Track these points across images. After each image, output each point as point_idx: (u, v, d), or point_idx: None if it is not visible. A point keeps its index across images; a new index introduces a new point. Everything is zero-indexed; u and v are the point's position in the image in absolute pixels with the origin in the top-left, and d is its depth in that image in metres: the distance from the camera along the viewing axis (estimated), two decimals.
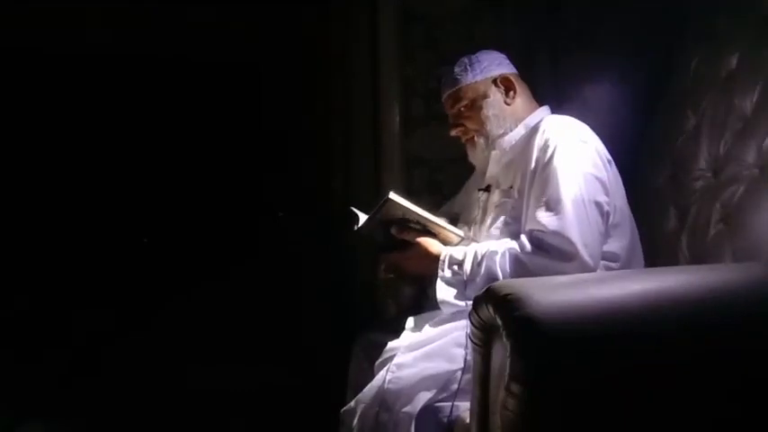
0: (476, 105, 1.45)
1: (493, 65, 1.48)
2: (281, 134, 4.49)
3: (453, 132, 1.50)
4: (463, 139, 1.50)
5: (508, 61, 1.51)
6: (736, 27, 1.44)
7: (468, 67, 1.47)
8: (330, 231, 3.07)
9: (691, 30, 1.62)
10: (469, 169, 1.64)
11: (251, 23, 3.79)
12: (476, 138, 1.47)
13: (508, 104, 1.45)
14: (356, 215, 1.45)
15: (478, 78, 1.46)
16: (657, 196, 1.53)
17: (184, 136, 5.06)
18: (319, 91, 3.32)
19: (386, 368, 1.21)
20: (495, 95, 1.45)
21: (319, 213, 3.40)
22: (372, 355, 1.33)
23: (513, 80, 1.47)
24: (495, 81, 1.46)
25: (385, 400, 1.16)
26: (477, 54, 1.49)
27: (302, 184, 3.97)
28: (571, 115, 1.39)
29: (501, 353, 0.92)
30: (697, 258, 1.35)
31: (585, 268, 1.19)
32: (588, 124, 1.37)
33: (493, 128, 1.44)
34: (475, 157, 1.50)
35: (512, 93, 1.46)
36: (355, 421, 1.20)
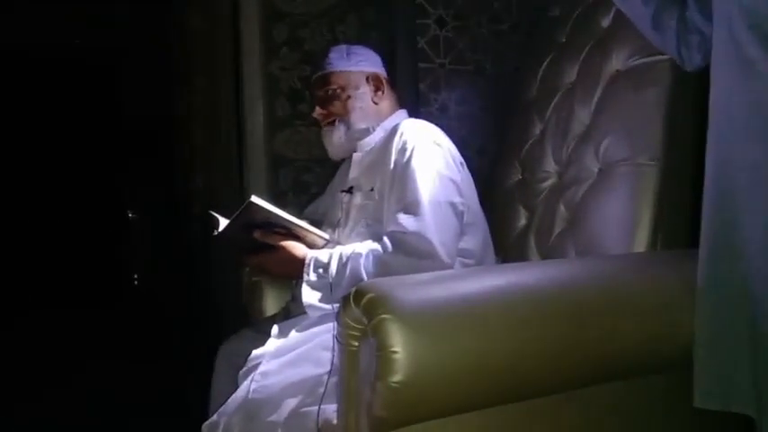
0: (345, 93, 1.46)
1: (368, 61, 1.50)
2: (141, 134, 4.26)
3: (316, 113, 1.49)
4: (323, 123, 1.49)
5: (382, 64, 1.54)
6: (578, 37, 1.57)
7: (345, 54, 1.49)
8: (191, 234, 2.94)
9: (538, 41, 1.75)
10: (335, 168, 1.65)
11: (107, 15, 3.51)
12: (336, 123, 1.47)
13: (375, 103, 1.47)
14: (217, 219, 1.39)
15: (353, 69, 1.47)
16: (509, 197, 1.63)
17: (34, 133, 4.68)
18: (181, 89, 3.17)
19: (250, 377, 1.18)
20: (365, 90, 1.47)
21: (180, 215, 3.24)
22: (237, 365, 1.28)
23: (384, 82, 1.50)
24: (367, 77, 1.48)
25: (249, 411, 1.13)
26: (355, 46, 1.52)
27: (160, 184, 3.77)
28: (428, 119, 1.45)
29: (368, 352, 0.92)
30: (545, 254, 1.44)
31: (443, 266, 1.24)
32: (444, 128, 1.43)
33: (357, 120, 1.46)
34: (331, 143, 1.49)
35: (380, 93, 1.48)
36: None
